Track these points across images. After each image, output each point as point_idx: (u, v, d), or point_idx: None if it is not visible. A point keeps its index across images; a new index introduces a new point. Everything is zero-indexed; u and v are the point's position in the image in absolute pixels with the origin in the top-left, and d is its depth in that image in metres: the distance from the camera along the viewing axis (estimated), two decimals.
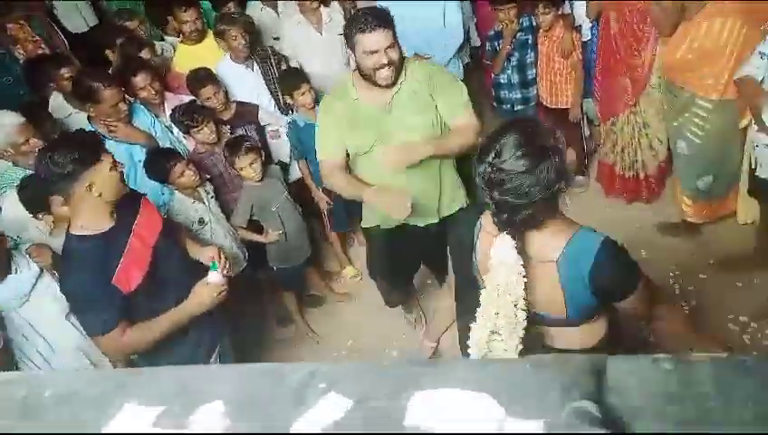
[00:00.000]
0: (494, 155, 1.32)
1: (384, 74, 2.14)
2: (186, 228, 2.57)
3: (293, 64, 3.44)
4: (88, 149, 1.85)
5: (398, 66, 2.19)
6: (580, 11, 3.45)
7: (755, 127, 2.55)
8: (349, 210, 3.56)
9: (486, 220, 1.46)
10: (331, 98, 2.42)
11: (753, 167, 2.65)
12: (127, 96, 2.94)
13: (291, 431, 0.64)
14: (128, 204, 2.01)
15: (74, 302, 2.00)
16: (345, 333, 3.27)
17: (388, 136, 2.27)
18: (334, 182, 2.40)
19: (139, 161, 2.82)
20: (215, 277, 2.01)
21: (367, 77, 2.18)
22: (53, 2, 4.21)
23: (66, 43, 4.05)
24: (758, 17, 2.65)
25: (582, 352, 1.46)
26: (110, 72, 3.16)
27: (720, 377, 0.72)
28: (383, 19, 2.10)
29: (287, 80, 3.21)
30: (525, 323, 1.38)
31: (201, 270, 2.13)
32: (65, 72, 3.06)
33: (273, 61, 3.40)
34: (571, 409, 0.59)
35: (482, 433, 0.62)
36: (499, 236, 1.38)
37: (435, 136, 2.30)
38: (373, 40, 2.08)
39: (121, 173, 1.97)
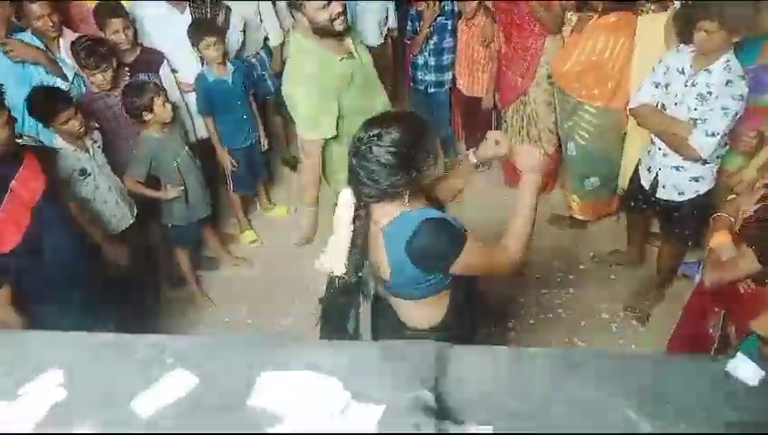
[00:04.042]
0: (373, 134, 1.42)
1: (341, 20, 2.24)
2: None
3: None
4: None
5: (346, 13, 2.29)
6: None
7: (659, 151, 2.54)
8: (254, 173, 3.47)
9: None
10: (305, 59, 2.29)
11: (647, 188, 2.67)
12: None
13: (131, 406, 0.63)
14: (8, 156, 1.83)
15: None
16: (240, 300, 3.21)
17: (372, 88, 2.44)
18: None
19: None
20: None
21: (323, 32, 2.25)
22: None
23: None
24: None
25: (431, 332, 1.62)
26: None
27: (554, 370, 0.80)
28: None
29: (192, 29, 3.03)
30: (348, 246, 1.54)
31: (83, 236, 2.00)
32: None
33: (208, 8, 3.17)
34: (411, 397, 0.63)
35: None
36: (344, 190, 1.53)
37: None
38: None
39: (13, 128, 1.78)
